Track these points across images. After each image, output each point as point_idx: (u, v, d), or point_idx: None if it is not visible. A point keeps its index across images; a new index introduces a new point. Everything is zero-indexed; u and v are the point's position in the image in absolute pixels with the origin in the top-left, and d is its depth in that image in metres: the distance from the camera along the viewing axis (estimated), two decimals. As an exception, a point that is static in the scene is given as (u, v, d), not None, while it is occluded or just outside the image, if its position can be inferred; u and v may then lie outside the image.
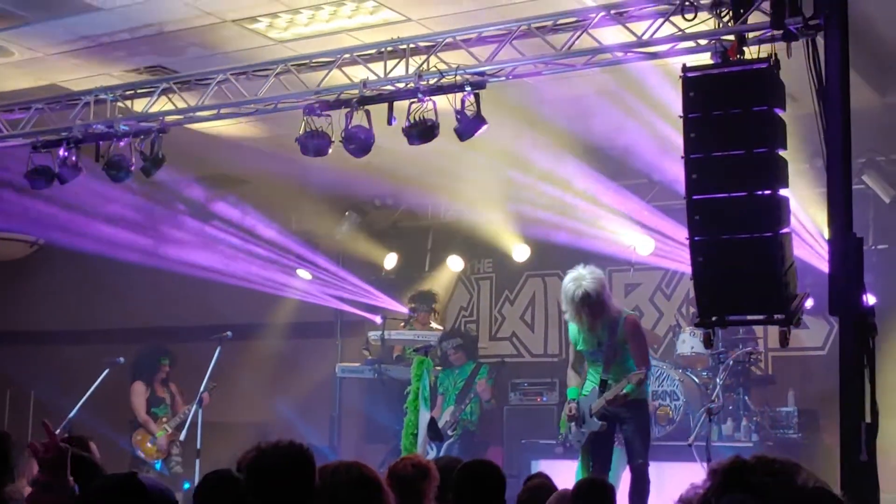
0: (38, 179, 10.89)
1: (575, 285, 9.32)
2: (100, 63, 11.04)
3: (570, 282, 9.38)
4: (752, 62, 7.47)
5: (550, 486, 6.70)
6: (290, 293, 15.36)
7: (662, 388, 11.70)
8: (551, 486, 6.71)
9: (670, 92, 8.64)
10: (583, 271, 9.39)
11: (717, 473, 2.31)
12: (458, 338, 13.27)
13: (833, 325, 12.22)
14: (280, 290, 15.24)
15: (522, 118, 11.39)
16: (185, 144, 11.67)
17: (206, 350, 11.76)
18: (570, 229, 13.41)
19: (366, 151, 9.53)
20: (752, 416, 11.65)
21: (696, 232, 7.39)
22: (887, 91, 11.13)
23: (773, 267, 7.18)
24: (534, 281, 15.17)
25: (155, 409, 13.43)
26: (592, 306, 9.32)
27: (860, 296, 6.90)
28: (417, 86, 9.07)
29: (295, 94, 9.84)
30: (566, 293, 9.39)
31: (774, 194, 7.24)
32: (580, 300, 9.28)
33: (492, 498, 5.61)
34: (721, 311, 7.55)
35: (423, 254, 15.74)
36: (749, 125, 7.26)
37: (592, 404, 9.42)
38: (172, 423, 13.24)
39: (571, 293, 9.32)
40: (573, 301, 9.33)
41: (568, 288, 9.37)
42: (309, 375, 14.44)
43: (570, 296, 9.35)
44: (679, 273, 13.59)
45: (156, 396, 13.52)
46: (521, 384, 13.73)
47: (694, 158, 7.39)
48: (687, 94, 7.43)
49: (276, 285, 15.18)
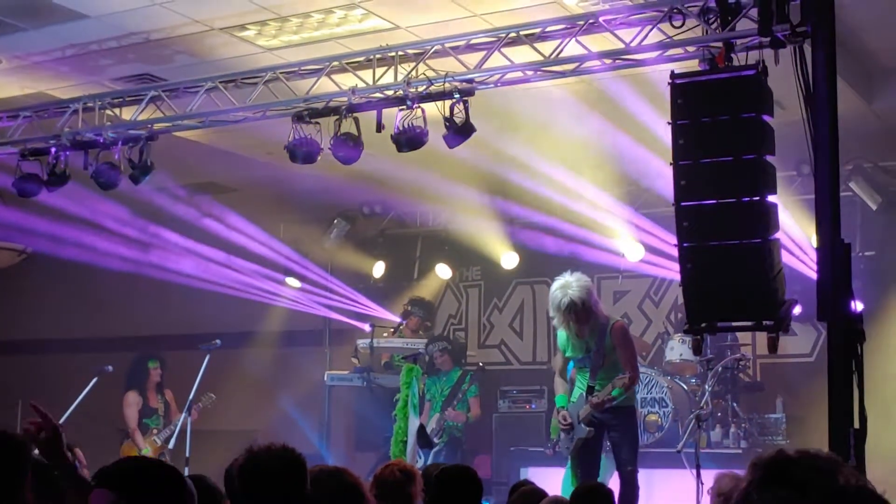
0: (27, 187, 10.87)
1: (562, 293, 9.34)
2: (88, 71, 11.03)
3: (557, 290, 9.40)
4: (740, 69, 7.48)
5: (540, 492, 6.71)
6: (278, 301, 15.35)
7: (651, 395, 11.72)
8: (541, 492, 6.72)
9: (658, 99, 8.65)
10: (569, 279, 9.41)
11: (757, 467, 2.30)
12: (444, 342, 13.31)
13: (821, 331, 12.26)
14: (269, 298, 15.23)
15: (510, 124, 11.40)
16: (173, 152, 11.66)
17: (195, 359, 11.75)
18: (559, 236, 13.44)
19: (354, 159, 9.54)
20: (740, 423, 11.68)
21: (684, 238, 7.40)
22: (874, 98, 11.16)
23: (762, 273, 7.19)
24: (523, 288, 15.18)
25: (147, 420, 13.40)
26: (579, 313, 9.34)
27: (848, 302, 6.92)
28: (406, 93, 9.07)
29: (283, 102, 9.84)
30: (553, 301, 9.42)
31: (763, 200, 7.25)
32: (566, 308, 9.30)
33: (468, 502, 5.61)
34: (710, 317, 7.56)
35: (412, 262, 15.73)
36: (737, 132, 7.26)
37: (580, 411, 9.43)
38: (161, 435, 13.21)
39: (558, 301, 9.35)
40: (560, 309, 9.35)
41: (555, 296, 9.39)
42: (298, 384, 14.43)
43: (556, 303, 9.37)
44: (668, 280, 13.62)
45: (148, 407, 13.48)
46: (509, 391, 13.74)
47: (682, 165, 7.40)
48: (675, 100, 7.44)
49: (265, 294, 15.17)
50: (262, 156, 12.59)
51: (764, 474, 2.28)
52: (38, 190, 10.84)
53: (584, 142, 11.61)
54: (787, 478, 2.24)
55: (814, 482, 2.22)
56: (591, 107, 10.79)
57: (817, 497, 2.20)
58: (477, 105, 9.11)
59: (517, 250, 14.52)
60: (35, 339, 16.82)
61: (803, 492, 2.21)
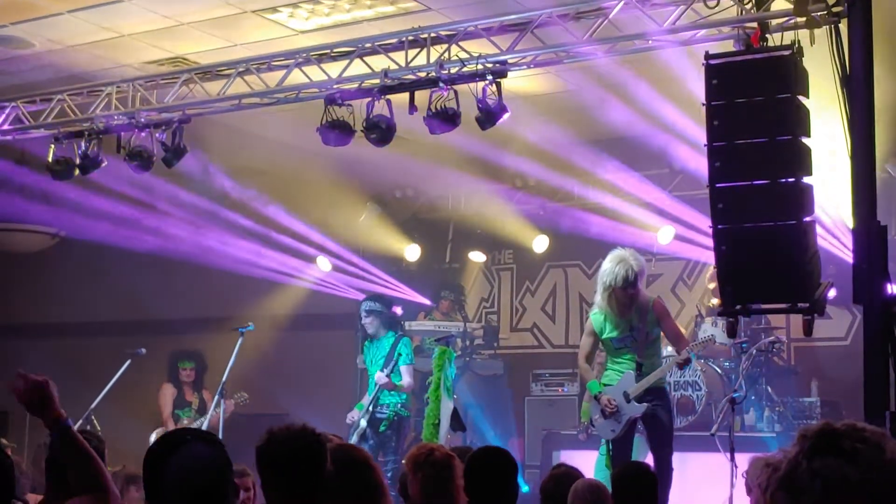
0: (60, 171, 10.94)
1: (623, 266, 9.10)
2: (120, 54, 11.06)
3: (618, 264, 9.15)
4: (776, 49, 7.43)
5: (576, 474, 6.69)
6: (309, 284, 15.36)
7: (684, 377, 11.66)
8: (577, 474, 6.70)
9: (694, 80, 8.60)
10: (624, 252, 9.24)
11: (805, 438, 2.31)
12: (375, 301, 12.51)
13: (856, 315, 12.18)
14: (300, 281, 15.25)
15: (540, 106, 11.38)
16: (206, 135, 11.69)
17: (226, 342, 11.76)
18: (592, 220, 13.40)
19: (387, 141, 9.53)
20: (774, 407, 11.61)
21: (719, 220, 7.35)
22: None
23: (797, 255, 7.14)
24: (555, 272, 15.15)
25: (178, 412, 13.42)
26: (631, 288, 9.16)
27: (884, 284, 6.86)
28: (439, 74, 9.06)
29: (316, 84, 9.84)
30: (608, 274, 9.17)
31: (798, 182, 7.20)
32: (623, 281, 9.10)
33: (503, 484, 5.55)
34: (745, 299, 7.50)
35: (444, 245, 15.74)
36: (772, 112, 7.21)
37: (629, 389, 9.32)
38: (193, 426, 13.23)
39: (619, 274, 9.10)
40: (615, 282, 9.14)
41: (615, 270, 9.13)
42: (329, 367, 14.44)
43: (612, 276, 9.14)
44: (701, 263, 13.56)
45: (183, 399, 13.50)
46: (542, 375, 13.71)
47: (717, 146, 7.36)
48: (710, 81, 7.39)
49: (296, 276, 15.18)
50: (292, 138, 12.59)
51: (814, 443, 2.29)
52: (71, 173, 10.90)
53: (616, 123, 11.59)
54: (837, 447, 2.25)
55: (863, 453, 2.23)
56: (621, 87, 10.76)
57: (866, 466, 2.21)
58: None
59: (548, 234, 14.49)
60: (67, 323, 16.90)
61: (853, 461, 2.22)
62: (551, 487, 6.55)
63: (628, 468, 6.66)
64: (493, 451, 5.77)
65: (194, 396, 13.56)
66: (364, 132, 9.49)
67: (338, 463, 4.17)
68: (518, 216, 14.57)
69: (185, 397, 13.51)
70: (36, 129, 11.17)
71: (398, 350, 11.57)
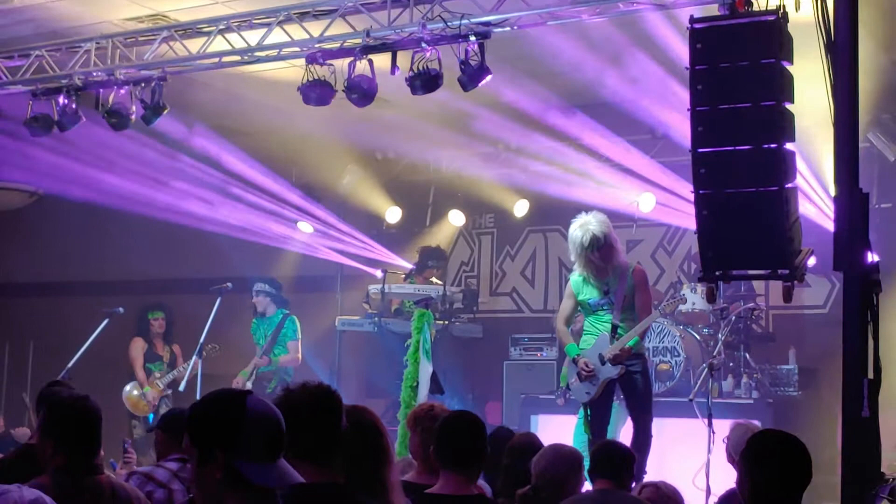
0: (38, 127, 10.86)
1: (582, 231, 9.25)
2: (100, 10, 10.93)
3: (577, 229, 9.32)
4: (761, 14, 7.37)
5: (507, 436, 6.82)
6: (291, 246, 15.31)
7: (663, 343, 11.67)
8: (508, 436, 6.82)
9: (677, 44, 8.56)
10: (587, 217, 9.35)
11: None
12: (265, 283, 13.18)
13: (835, 283, 12.21)
14: (281, 242, 15.19)
15: (524, 70, 11.31)
16: (187, 93, 11.60)
17: (205, 302, 11.73)
18: (573, 184, 13.36)
19: (368, 101, 9.48)
20: (752, 374, 11.63)
21: (701, 185, 7.32)
22: (893, 48, 11.01)
23: (779, 221, 7.11)
24: (535, 236, 15.13)
25: (149, 365, 13.38)
26: (602, 250, 9.24)
27: (865, 251, 6.83)
28: (422, 35, 9.00)
29: (297, 43, 9.76)
30: (574, 240, 9.32)
31: (781, 148, 7.16)
32: (589, 244, 9.21)
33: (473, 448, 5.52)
34: (725, 265, 7.48)
35: (425, 208, 15.70)
36: (756, 78, 7.17)
37: (603, 351, 9.34)
38: (164, 380, 13.19)
39: (580, 239, 9.25)
40: (582, 247, 9.25)
41: (575, 235, 9.30)
42: (309, 329, 14.39)
43: (578, 242, 9.27)
44: (681, 229, 13.56)
45: (153, 353, 13.48)
46: (521, 339, 13.70)
47: (700, 111, 7.31)
48: (694, 45, 7.33)
49: (278, 238, 15.13)
50: (274, 99, 12.50)
51: None
52: (49, 130, 10.80)
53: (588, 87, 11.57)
54: None
55: None
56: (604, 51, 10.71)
57: None
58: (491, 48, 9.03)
59: (529, 198, 14.47)
60: (46, 282, 16.82)
61: None
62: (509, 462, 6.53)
63: (604, 448, 6.56)
64: (464, 416, 5.72)
65: (165, 350, 13.55)
66: (345, 92, 9.43)
67: (349, 424, 4.12)
68: (499, 180, 14.53)
69: (156, 351, 13.50)
70: (13, 85, 11.05)
71: (284, 327, 12.94)
